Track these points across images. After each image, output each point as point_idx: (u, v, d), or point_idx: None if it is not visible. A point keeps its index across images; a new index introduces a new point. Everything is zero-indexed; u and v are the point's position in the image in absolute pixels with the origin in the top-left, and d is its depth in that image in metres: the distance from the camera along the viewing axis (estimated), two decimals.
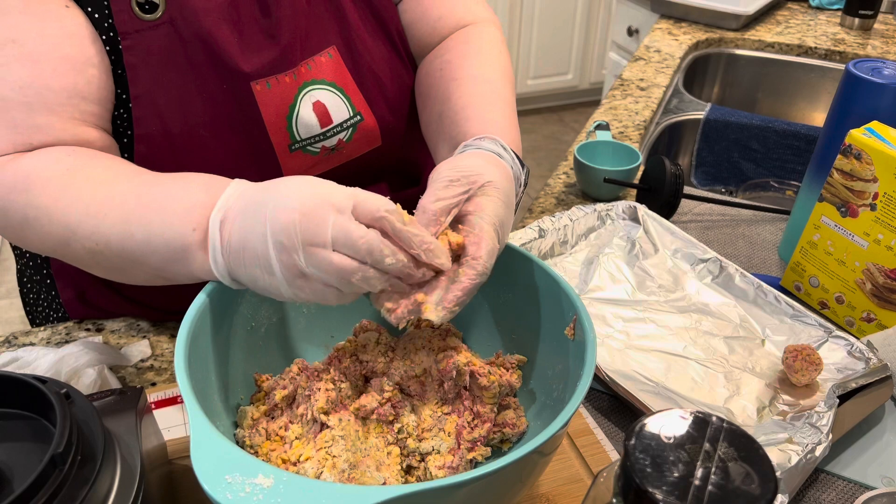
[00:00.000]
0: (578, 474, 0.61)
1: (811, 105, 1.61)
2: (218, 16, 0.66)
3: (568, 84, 3.64)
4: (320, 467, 0.51)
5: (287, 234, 0.47)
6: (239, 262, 0.51)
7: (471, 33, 0.81)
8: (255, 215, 0.50)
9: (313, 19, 0.73)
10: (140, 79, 0.65)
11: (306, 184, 0.50)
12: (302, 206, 0.48)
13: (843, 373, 0.69)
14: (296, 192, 0.49)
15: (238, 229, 0.51)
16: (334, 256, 0.47)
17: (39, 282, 0.87)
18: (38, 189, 0.59)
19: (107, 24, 0.63)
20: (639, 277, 0.83)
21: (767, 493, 0.33)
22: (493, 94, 0.73)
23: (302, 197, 0.48)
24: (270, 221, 0.48)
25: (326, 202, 0.48)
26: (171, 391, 0.68)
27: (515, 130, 0.70)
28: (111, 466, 0.45)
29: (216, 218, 0.52)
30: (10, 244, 1.02)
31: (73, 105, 0.62)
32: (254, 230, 0.49)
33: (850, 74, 0.83)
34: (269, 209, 0.49)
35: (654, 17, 1.82)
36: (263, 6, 0.69)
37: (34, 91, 0.60)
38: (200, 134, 0.68)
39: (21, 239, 0.63)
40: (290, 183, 0.50)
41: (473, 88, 0.73)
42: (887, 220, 0.74)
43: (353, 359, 0.62)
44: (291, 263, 0.48)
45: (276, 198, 0.49)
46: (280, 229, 0.48)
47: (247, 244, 0.50)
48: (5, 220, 0.61)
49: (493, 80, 0.75)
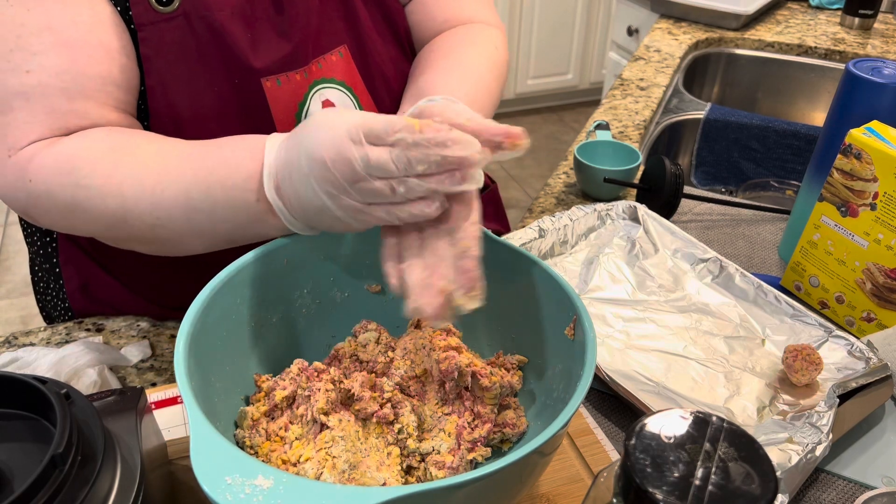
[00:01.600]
0: (579, 474, 0.61)
1: (811, 105, 1.61)
2: (231, 11, 0.67)
3: (568, 84, 3.64)
4: (320, 468, 0.51)
5: (327, 183, 0.50)
6: (310, 217, 0.54)
7: (470, 29, 0.81)
8: (298, 174, 0.52)
9: (325, 18, 0.74)
10: (154, 70, 0.66)
11: (323, 127, 0.51)
12: (326, 154, 0.49)
13: (843, 372, 0.69)
14: (316, 140, 0.50)
15: (293, 193, 0.53)
16: (376, 183, 0.49)
17: (49, 271, 0.87)
18: (86, 170, 0.59)
19: (126, 16, 0.64)
20: (639, 277, 0.83)
21: (768, 492, 0.33)
22: (474, 79, 0.73)
23: (322, 144, 0.50)
24: (311, 177, 0.50)
25: (344, 141, 0.49)
26: (171, 391, 0.68)
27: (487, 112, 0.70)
28: (111, 467, 0.45)
29: (270, 186, 0.55)
30: (11, 241, 1.02)
31: (107, 92, 0.63)
32: (305, 188, 0.52)
33: (850, 74, 0.83)
34: (304, 164, 0.51)
35: (653, 16, 1.82)
36: (278, 3, 0.70)
37: (71, 77, 0.61)
38: (210, 127, 0.69)
39: (68, 222, 0.63)
40: (311, 129, 0.51)
41: (455, 70, 0.74)
42: (887, 219, 0.74)
43: (353, 359, 0.62)
44: (347, 205, 0.51)
45: (304, 151, 0.51)
46: (321, 180, 0.50)
47: (306, 203, 0.52)
48: (51, 204, 0.62)
49: (474, 64, 0.75)
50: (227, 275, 0.56)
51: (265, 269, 0.59)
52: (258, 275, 0.59)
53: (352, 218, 0.51)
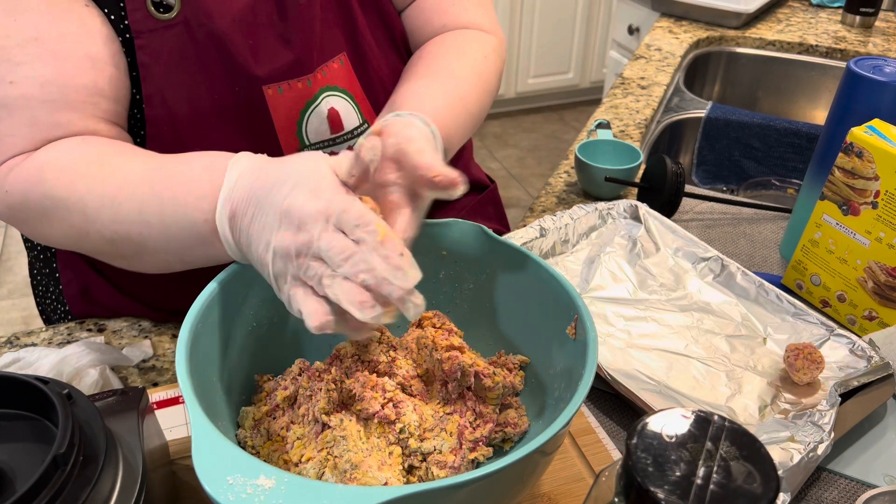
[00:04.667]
0: (580, 473, 0.61)
1: (812, 103, 1.61)
2: (232, 18, 0.66)
3: (569, 83, 3.64)
4: (322, 468, 0.51)
5: (283, 242, 0.48)
6: (248, 257, 0.53)
7: (461, 35, 0.80)
8: (262, 219, 0.50)
9: (326, 25, 0.73)
10: (152, 78, 0.65)
11: (306, 186, 0.49)
12: (299, 217, 0.48)
13: (844, 371, 0.69)
14: (296, 200, 0.49)
15: (246, 231, 0.52)
16: (313, 263, 0.48)
17: (48, 275, 0.87)
18: (52, 180, 0.59)
19: (122, 25, 0.64)
20: (640, 276, 0.83)
21: (769, 491, 0.33)
22: (451, 93, 0.71)
23: (303, 208, 0.48)
24: (273, 230, 0.49)
25: (320, 214, 0.48)
26: (172, 391, 0.68)
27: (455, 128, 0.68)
28: (113, 467, 0.45)
29: (223, 213, 0.53)
30: (12, 242, 1.02)
31: (93, 103, 0.62)
32: (260, 234, 0.50)
33: (852, 72, 0.82)
34: (272, 217, 0.49)
35: (654, 15, 1.82)
36: (282, 10, 0.69)
37: (56, 88, 0.60)
38: (210, 136, 0.68)
39: (43, 233, 0.63)
40: (292, 180, 0.50)
41: (434, 82, 0.72)
42: (889, 217, 0.74)
43: (354, 359, 0.62)
44: (279, 269, 0.49)
45: (277, 203, 0.49)
46: (280, 239, 0.49)
47: (252, 245, 0.51)
48: (25, 214, 0.62)
49: (459, 76, 0.73)
50: (228, 275, 0.56)
51: None
52: (259, 275, 0.59)
53: (276, 280, 0.50)
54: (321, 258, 0.48)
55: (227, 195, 0.53)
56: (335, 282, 0.47)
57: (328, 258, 0.47)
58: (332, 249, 0.47)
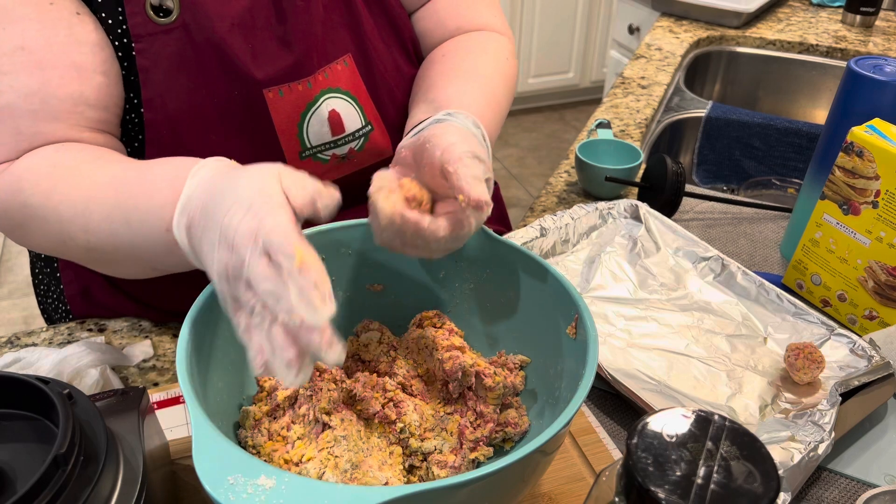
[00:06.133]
0: (580, 473, 0.61)
1: (813, 102, 1.61)
2: (232, 22, 0.66)
3: (569, 82, 3.64)
4: (322, 467, 0.51)
5: (224, 264, 0.45)
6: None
7: (482, 36, 0.81)
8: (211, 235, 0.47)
9: (329, 26, 0.73)
10: (151, 82, 0.65)
11: (235, 208, 0.46)
12: (227, 243, 0.45)
13: (845, 371, 0.69)
14: (240, 222, 0.45)
15: (198, 243, 0.49)
16: (245, 293, 0.45)
17: (49, 275, 0.87)
18: (29, 189, 0.59)
19: (120, 29, 0.63)
20: (640, 276, 0.83)
21: (770, 491, 0.33)
22: (488, 93, 0.72)
23: (240, 229, 0.45)
24: (215, 250, 0.46)
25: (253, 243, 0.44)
26: (173, 391, 0.68)
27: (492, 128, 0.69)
28: (114, 467, 0.45)
29: (181, 223, 0.51)
30: (13, 242, 1.02)
31: (78, 112, 0.62)
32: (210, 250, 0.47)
33: (852, 72, 0.82)
34: (214, 233, 0.46)
35: (654, 15, 1.82)
36: (280, 12, 0.69)
37: (39, 98, 0.60)
38: (211, 139, 0.68)
39: (28, 241, 0.63)
40: (242, 200, 0.46)
41: (471, 81, 0.73)
42: (889, 217, 0.74)
43: (355, 359, 0.62)
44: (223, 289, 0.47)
45: (215, 223, 0.46)
46: (221, 260, 0.46)
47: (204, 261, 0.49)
48: (9, 224, 0.62)
49: (488, 75, 0.74)
50: None
51: None
52: None
53: (223, 302, 0.47)
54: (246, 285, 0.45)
55: (184, 205, 0.51)
56: (265, 323, 0.44)
57: (255, 287, 0.44)
58: (256, 278, 0.43)
